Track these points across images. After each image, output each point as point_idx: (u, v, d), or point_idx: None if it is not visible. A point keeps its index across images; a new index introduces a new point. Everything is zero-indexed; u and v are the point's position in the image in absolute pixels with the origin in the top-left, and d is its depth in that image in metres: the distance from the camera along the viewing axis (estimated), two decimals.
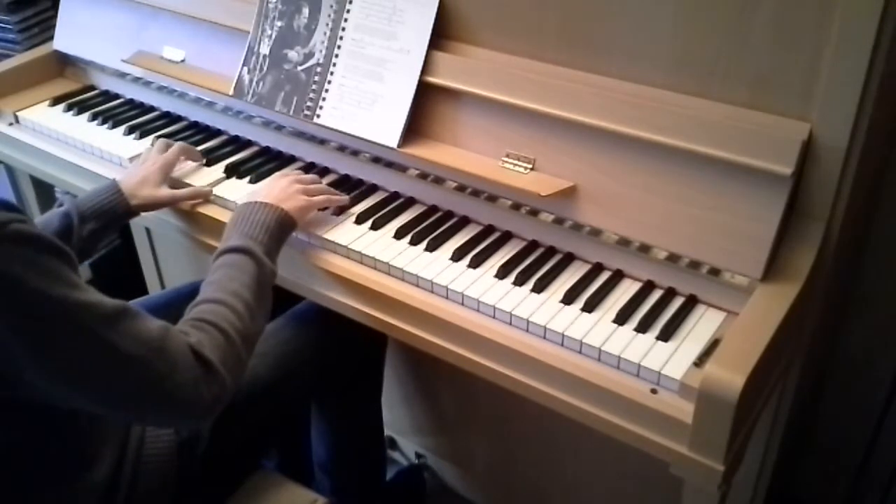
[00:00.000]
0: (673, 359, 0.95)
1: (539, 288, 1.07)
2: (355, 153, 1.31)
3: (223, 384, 0.89)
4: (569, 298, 1.05)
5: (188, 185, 1.30)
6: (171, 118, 1.54)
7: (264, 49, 1.33)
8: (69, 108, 1.56)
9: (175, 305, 1.33)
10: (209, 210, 1.27)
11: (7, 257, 0.75)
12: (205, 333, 0.90)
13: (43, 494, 0.95)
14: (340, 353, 1.32)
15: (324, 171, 1.35)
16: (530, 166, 1.13)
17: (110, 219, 1.21)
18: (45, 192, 1.72)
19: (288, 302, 1.26)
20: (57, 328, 0.78)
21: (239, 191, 1.29)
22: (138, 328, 0.84)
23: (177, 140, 1.43)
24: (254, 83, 1.34)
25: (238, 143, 1.45)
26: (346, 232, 1.19)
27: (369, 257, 1.14)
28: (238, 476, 1.18)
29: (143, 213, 1.26)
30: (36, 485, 0.94)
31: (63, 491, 0.96)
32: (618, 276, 1.10)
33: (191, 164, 1.36)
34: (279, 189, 1.13)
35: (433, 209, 1.25)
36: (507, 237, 1.18)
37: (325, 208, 1.21)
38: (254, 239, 1.03)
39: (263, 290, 1.00)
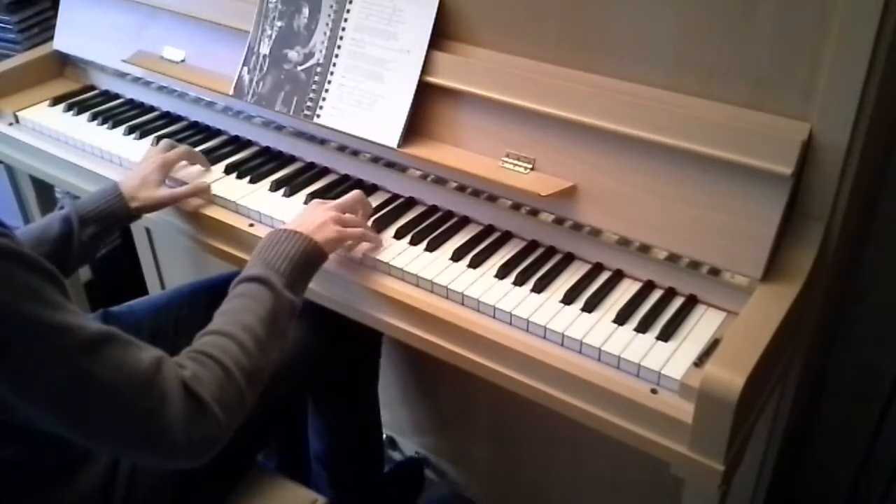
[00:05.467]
0: (673, 359, 0.95)
1: (539, 288, 1.07)
2: (355, 153, 1.31)
3: (216, 424, 0.83)
4: (569, 298, 1.05)
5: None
6: (171, 118, 1.54)
7: (264, 49, 1.33)
8: (69, 108, 1.56)
9: (175, 305, 1.34)
10: (209, 210, 1.27)
11: None
12: (203, 368, 0.85)
13: (40, 496, 0.95)
14: (336, 348, 1.32)
15: (324, 171, 1.35)
16: (530, 166, 1.13)
17: (111, 222, 1.21)
18: (45, 192, 1.72)
19: None
20: (31, 349, 0.75)
21: (238, 191, 1.29)
22: (125, 357, 0.79)
23: (177, 140, 1.44)
24: (254, 83, 1.34)
25: (238, 143, 1.45)
26: None
27: (369, 257, 1.14)
28: (236, 473, 1.17)
29: (145, 215, 1.25)
30: (33, 487, 0.94)
31: (60, 492, 0.96)
32: (618, 276, 1.10)
33: (196, 168, 1.35)
34: (313, 217, 1.07)
35: (433, 209, 1.25)
36: (507, 237, 1.18)
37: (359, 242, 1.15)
38: (275, 269, 0.98)
39: (278, 323, 0.95)
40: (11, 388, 0.77)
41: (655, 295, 1.06)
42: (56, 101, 1.58)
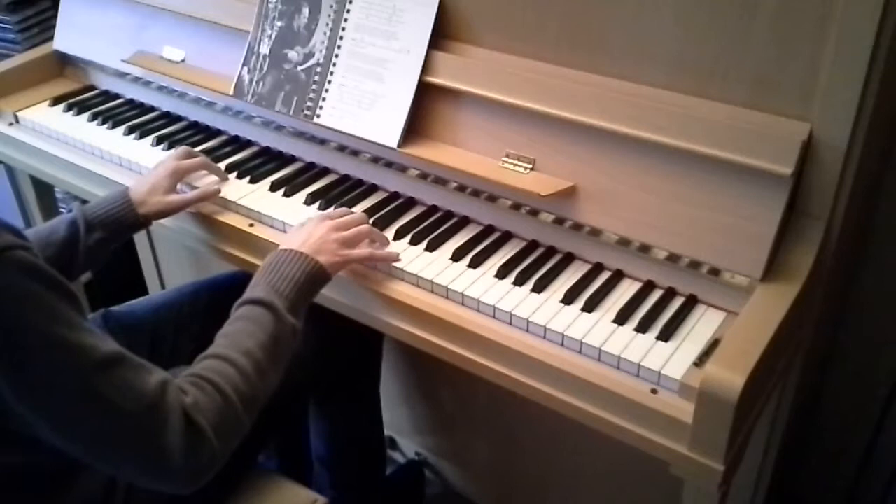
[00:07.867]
0: (673, 359, 0.95)
1: (539, 288, 1.07)
2: (355, 153, 1.31)
3: (212, 452, 0.84)
4: (569, 298, 1.05)
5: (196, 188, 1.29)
6: (171, 118, 1.54)
7: (264, 49, 1.33)
8: (69, 108, 1.56)
9: (175, 305, 1.34)
10: (209, 210, 1.27)
11: (2, 284, 0.73)
12: (203, 394, 0.85)
13: (43, 500, 0.95)
14: (337, 349, 1.32)
15: (324, 171, 1.35)
16: (530, 166, 1.13)
17: (118, 228, 1.19)
18: (45, 192, 1.72)
19: None
20: (44, 365, 0.75)
21: (238, 191, 1.29)
22: (133, 380, 0.80)
23: (176, 140, 1.44)
24: (254, 83, 1.34)
25: (238, 143, 1.45)
26: None
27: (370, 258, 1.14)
28: (236, 474, 1.17)
29: (155, 221, 1.24)
30: (35, 490, 0.93)
31: (62, 496, 0.96)
32: (618, 276, 1.10)
33: (213, 178, 1.32)
34: (317, 237, 1.05)
35: (433, 209, 1.25)
36: (507, 237, 1.18)
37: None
38: (279, 293, 0.97)
39: (279, 348, 0.95)
40: (20, 401, 0.77)
41: (655, 295, 1.06)
42: (56, 101, 1.58)
